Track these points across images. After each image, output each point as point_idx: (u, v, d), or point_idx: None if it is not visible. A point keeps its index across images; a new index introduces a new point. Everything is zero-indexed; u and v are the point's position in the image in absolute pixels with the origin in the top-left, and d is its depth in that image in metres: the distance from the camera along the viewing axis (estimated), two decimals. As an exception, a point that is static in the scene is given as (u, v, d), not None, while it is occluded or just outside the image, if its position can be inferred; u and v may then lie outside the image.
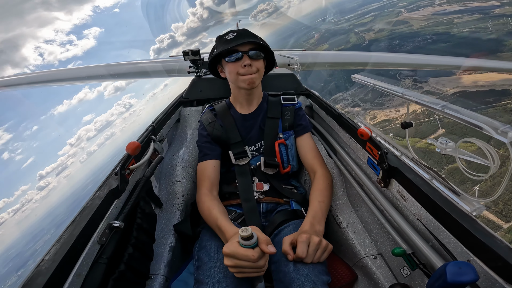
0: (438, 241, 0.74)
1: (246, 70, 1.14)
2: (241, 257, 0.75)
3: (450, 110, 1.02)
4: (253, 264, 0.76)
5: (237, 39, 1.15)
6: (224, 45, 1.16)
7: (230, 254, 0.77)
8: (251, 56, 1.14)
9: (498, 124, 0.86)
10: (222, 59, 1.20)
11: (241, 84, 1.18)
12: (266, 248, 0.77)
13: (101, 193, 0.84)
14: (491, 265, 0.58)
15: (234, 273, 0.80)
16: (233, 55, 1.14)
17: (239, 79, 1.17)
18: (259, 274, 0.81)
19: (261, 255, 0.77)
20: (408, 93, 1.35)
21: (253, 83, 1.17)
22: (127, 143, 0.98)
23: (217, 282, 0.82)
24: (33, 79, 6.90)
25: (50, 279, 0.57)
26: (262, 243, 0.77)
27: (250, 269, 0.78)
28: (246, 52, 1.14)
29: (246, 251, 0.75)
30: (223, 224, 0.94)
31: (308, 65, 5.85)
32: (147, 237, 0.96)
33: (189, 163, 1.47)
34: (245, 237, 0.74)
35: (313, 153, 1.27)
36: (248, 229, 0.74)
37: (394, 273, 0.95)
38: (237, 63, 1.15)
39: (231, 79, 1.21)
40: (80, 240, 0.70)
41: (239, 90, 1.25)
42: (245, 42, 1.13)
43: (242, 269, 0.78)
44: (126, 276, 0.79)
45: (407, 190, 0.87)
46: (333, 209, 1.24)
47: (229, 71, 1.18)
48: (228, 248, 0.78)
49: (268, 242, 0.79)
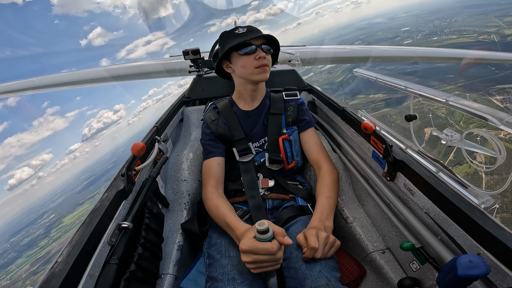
0: (447, 234, 0.74)
1: (260, 62, 1.15)
2: (261, 251, 0.75)
3: (454, 101, 1.02)
4: (272, 257, 0.77)
5: (250, 33, 1.16)
6: (236, 39, 1.17)
7: (248, 250, 0.77)
8: (263, 50, 1.16)
9: (503, 115, 0.85)
10: (234, 52, 1.20)
11: (255, 77, 1.19)
12: (284, 240, 0.78)
13: (109, 195, 0.85)
14: (502, 258, 0.58)
15: (252, 268, 0.80)
16: (248, 48, 1.15)
17: (254, 71, 1.18)
18: (276, 267, 0.81)
19: (279, 247, 0.78)
20: (411, 86, 1.35)
21: (265, 75, 1.19)
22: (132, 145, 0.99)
23: (232, 279, 0.83)
24: (37, 84, 6.94)
25: (64, 280, 0.58)
26: (279, 235, 0.78)
27: (268, 263, 0.78)
28: (260, 45, 1.16)
29: (265, 245, 0.75)
30: (232, 221, 0.94)
31: (309, 60, 5.83)
32: (155, 237, 0.97)
33: (194, 162, 1.47)
34: (262, 230, 0.74)
35: (317, 148, 1.27)
36: (264, 223, 0.74)
37: (403, 267, 0.95)
38: (251, 56, 1.16)
39: (243, 72, 1.21)
40: (91, 242, 0.70)
41: (246, 85, 1.25)
42: (258, 36, 1.14)
43: (260, 264, 0.78)
44: (137, 276, 0.79)
45: (413, 183, 0.86)
46: (339, 204, 1.24)
47: (243, 64, 1.18)
48: (246, 245, 0.77)
49: (284, 234, 0.80)
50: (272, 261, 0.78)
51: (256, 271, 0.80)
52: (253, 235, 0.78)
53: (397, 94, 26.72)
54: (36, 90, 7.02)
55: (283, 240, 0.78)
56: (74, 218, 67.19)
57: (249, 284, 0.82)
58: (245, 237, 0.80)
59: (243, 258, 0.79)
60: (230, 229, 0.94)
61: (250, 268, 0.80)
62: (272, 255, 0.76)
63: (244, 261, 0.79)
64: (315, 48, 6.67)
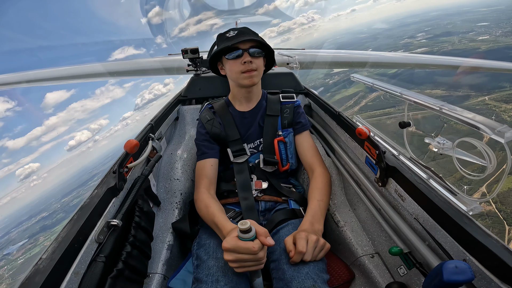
0: (435, 240, 0.75)
1: (246, 67, 1.14)
2: (242, 250, 0.76)
3: (448, 110, 1.03)
4: (254, 257, 0.77)
5: (238, 36, 1.15)
6: (225, 42, 1.17)
7: (230, 248, 0.77)
8: (251, 54, 1.15)
9: (495, 124, 0.86)
10: (223, 56, 1.20)
11: (241, 81, 1.18)
12: (265, 240, 0.78)
13: (99, 191, 0.84)
14: (487, 264, 0.59)
15: (234, 267, 0.80)
16: (233, 53, 1.15)
17: (240, 76, 1.17)
18: (259, 267, 0.82)
19: (261, 247, 0.78)
20: (406, 92, 1.36)
21: (252, 80, 1.18)
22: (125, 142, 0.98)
23: (216, 280, 0.82)
24: (32, 77, 6.87)
25: (48, 277, 0.57)
26: (261, 235, 0.78)
27: (250, 262, 0.79)
28: (247, 49, 1.14)
29: (246, 244, 0.76)
30: (219, 221, 0.94)
31: (307, 64, 5.86)
32: (145, 235, 0.96)
33: (188, 161, 1.46)
34: (244, 230, 0.75)
35: (312, 152, 1.28)
36: (246, 222, 0.75)
37: (391, 272, 0.95)
38: (238, 60, 1.15)
39: (231, 76, 1.22)
40: (78, 239, 0.69)
41: (239, 87, 1.25)
42: (245, 39, 1.13)
43: (242, 263, 0.78)
44: (124, 274, 0.79)
45: (404, 189, 0.87)
46: (331, 208, 1.24)
47: (230, 68, 1.19)
48: (228, 243, 0.78)
49: (266, 234, 0.80)
50: (254, 261, 0.79)
51: (239, 270, 0.81)
52: (237, 234, 0.78)
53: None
54: (28, 83, 6.99)
55: (264, 240, 0.78)
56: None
57: (233, 286, 0.82)
58: (229, 235, 0.81)
59: (226, 256, 0.79)
60: (218, 229, 0.94)
61: (233, 267, 0.80)
62: (253, 255, 0.76)
63: (227, 259, 0.79)
64: (314, 51, 6.70)
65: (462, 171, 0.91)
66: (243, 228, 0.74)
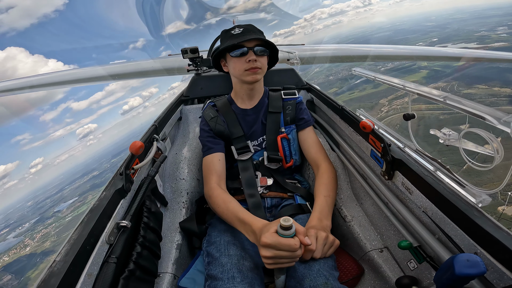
0: (445, 233, 0.74)
1: (250, 65, 1.14)
2: (283, 247, 0.74)
3: (452, 101, 1.02)
4: (292, 254, 0.76)
5: (244, 34, 1.16)
6: (230, 39, 1.17)
7: (271, 244, 0.75)
8: (256, 52, 1.15)
9: (501, 114, 0.85)
10: (227, 53, 1.20)
11: (245, 78, 1.18)
12: (304, 239, 0.77)
13: (108, 193, 0.85)
14: (499, 257, 0.58)
15: (268, 263, 0.79)
16: (238, 50, 1.15)
17: (243, 73, 1.17)
18: (291, 265, 0.80)
19: (300, 244, 0.77)
20: (409, 85, 1.35)
21: (256, 77, 1.18)
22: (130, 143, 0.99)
23: (232, 277, 0.82)
24: (33, 83, 6.91)
25: (63, 279, 0.58)
26: (300, 234, 0.77)
27: (286, 259, 0.77)
28: (252, 48, 1.15)
29: (288, 241, 0.74)
30: (246, 216, 0.92)
31: (308, 59, 5.82)
32: (154, 236, 0.97)
33: (193, 160, 1.47)
34: (286, 226, 0.73)
35: (316, 147, 1.27)
36: (289, 219, 0.74)
37: (401, 266, 0.95)
38: (242, 58, 1.15)
39: (235, 74, 1.22)
40: (90, 241, 0.70)
41: (242, 85, 1.25)
42: (251, 38, 1.13)
43: (279, 260, 0.77)
44: (136, 274, 0.79)
45: (411, 182, 0.87)
46: (338, 203, 1.24)
47: (233, 66, 1.19)
48: (268, 239, 0.76)
49: (304, 233, 0.79)
50: (291, 258, 0.77)
51: (271, 267, 0.79)
52: (275, 229, 0.76)
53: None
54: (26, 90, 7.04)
55: (303, 239, 0.77)
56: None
57: (248, 282, 0.82)
58: (267, 231, 0.78)
59: (263, 252, 0.77)
60: (244, 225, 0.91)
61: (267, 263, 0.79)
62: (293, 252, 0.75)
63: (264, 255, 0.77)
64: (314, 46, 6.66)
65: (470, 162, 0.90)
66: (285, 224, 0.73)
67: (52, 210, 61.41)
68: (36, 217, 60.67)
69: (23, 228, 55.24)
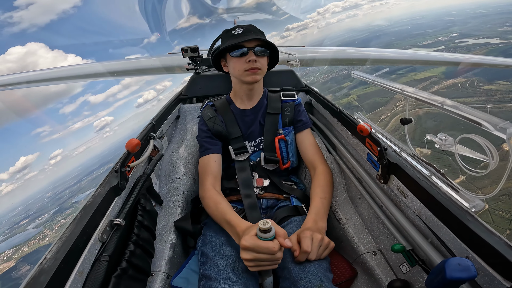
0: (437, 237, 0.74)
1: (250, 65, 1.15)
2: (262, 249, 0.75)
3: (449, 106, 1.02)
4: (272, 257, 0.76)
5: (244, 35, 1.16)
6: (230, 39, 1.17)
7: (250, 247, 0.76)
8: (256, 53, 1.15)
9: (497, 120, 0.86)
10: (227, 53, 1.20)
11: (244, 78, 1.19)
12: (284, 242, 0.77)
13: (102, 191, 0.84)
14: (490, 262, 0.59)
15: (250, 266, 0.79)
16: (238, 50, 1.15)
17: (243, 74, 1.18)
18: (273, 267, 0.81)
19: (279, 247, 0.77)
20: (407, 89, 1.35)
21: (255, 77, 1.18)
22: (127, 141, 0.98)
23: (227, 277, 0.82)
24: (32, 78, 6.86)
25: (53, 277, 0.58)
26: (280, 236, 0.78)
27: (267, 262, 0.78)
28: (252, 48, 1.15)
29: (267, 244, 0.75)
30: (232, 218, 0.93)
31: (307, 61, 5.83)
32: (148, 234, 0.96)
33: (189, 160, 1.47)
34: (265, 229, 0.74)
35: (313, 149, 1.28)
36: (267, 222, 0.74)
37: (394, 269, 0.96)
38: (242, 58, 1.16)
39: (235, 74, 1.22)
40: (82, 238, 0.70)
41: (241, 85, 1.25)
42: (252, 38, 1.13)
43: (259, 262, 0.78)
44: (128, 273, 0.79)
45: (406, 186, 0.87)
46: (333, 205, 1.24)
47: (233, 66, 1.19)
48: (247, 242, 0.76)
49: (285, 236, 0.79)
50: (271, 261, 0.78)
51: (254, 269, 0.80)
52: (255, 232, 0.77)
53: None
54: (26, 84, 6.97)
55: (283, 242, 0.77)
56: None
57: (244, 283, 0.82)
58: (247, 234, 0.79)
59: (243, 255, 0.78)
60: (230, 226, 0.93)
61: (248, 265, 0.79)
62: (272, 255, 0.76)
63: (244, 258, 0.78)
64: (314, 48, 6.67)
65: (465, 168, 0.91)
66: (264, 227, 0.73)
67: (70, 200, 61.44)
68: (55, 208, 60.73)
69: (43, 218, 55.33)
